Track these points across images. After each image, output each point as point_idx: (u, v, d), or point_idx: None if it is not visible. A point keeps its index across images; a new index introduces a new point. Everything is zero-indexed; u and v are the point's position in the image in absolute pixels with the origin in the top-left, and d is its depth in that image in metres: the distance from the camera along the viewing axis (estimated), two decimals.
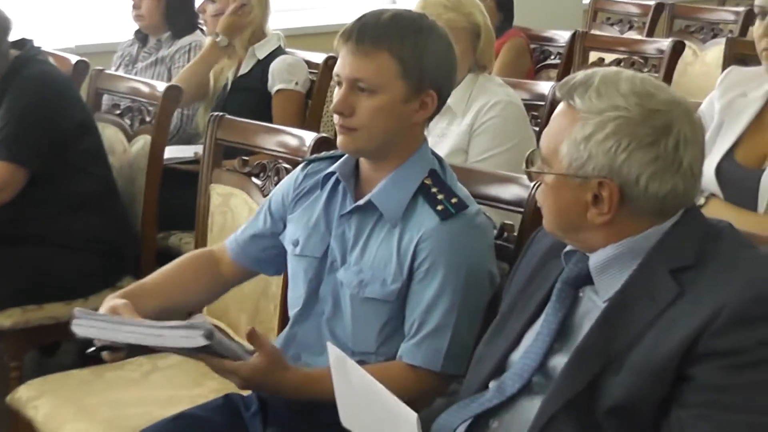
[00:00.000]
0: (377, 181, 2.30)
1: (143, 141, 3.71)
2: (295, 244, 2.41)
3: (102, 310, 2.30)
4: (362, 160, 2.36)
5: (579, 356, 1.81)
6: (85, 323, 2.17)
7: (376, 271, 2.27)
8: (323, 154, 2.53)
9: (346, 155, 2.38)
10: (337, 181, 2.38)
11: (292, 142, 2.91)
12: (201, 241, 3.10)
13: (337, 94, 2.29)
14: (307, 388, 2.20)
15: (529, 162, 1.96)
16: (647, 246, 1.83)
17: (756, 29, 2.82)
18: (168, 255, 3.86)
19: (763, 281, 1.75)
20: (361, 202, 2.32)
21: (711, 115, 2.92)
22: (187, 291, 2.52)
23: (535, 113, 3.58)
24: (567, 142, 1.84)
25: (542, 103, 3.66)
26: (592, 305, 1.89)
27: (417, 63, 2.22)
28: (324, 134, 2.87)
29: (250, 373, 2.13)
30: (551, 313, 1.92)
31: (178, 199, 3.73)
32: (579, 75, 1.89)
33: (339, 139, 2.30)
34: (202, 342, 2.05)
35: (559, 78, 5.00)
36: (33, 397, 2.85)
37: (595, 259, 1.87)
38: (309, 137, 2.85)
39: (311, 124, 4.17)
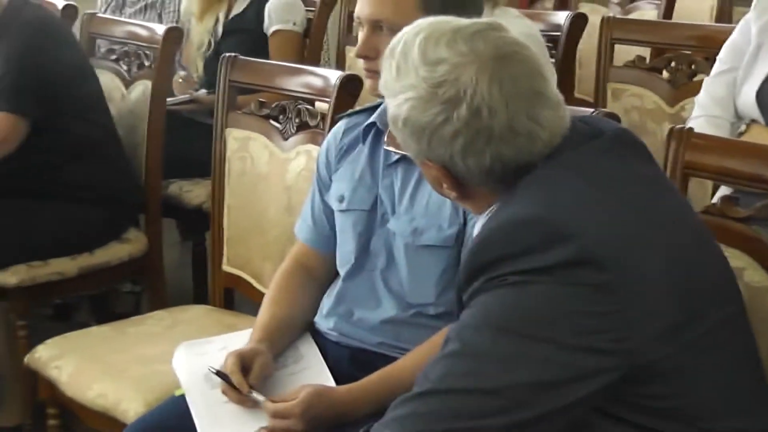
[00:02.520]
0: None
1: (143, 87, 3.63)
2: (341, 199, 2.36)
3: (228, 360, 2.24)
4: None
5: None
6: None
7: (431, 218, 2.21)
8: (359, 107, 2.48)
9: (383, 104, 2.28)
10: (379, 132, 2.32)
11: (316, 82, 2.84)
12: (218, 189, 3.03)
13: (359, 37, 2.26)
14: (364, 395, 2.13)
15: None
16: None
17: None
18: (169, 205, 3.85)
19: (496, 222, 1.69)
20: None
21: (747, 39, 2.87)
22: (305, 309, 2.44)
23: (549, 44, 3.51)
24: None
25: (558, 33, 3.59)
26: None
27: None
28: (350, 72, 2.81)
29: (303, 405, 2.07)
30: None
31: (175, 146, 3.70)
32: (393, 40, 1.79)
33: (367, 83, 2.28)
34: None
35: (555, 7, 4.93)
36: (54, 356, 2.80)
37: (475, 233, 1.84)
38: (334, 76, 2.77)
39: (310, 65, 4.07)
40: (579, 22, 3.63)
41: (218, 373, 2.20)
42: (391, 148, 2.18)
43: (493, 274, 1.61)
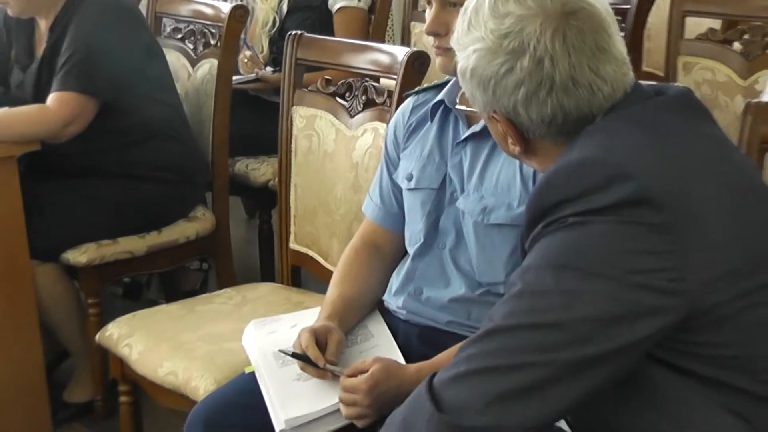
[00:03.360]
0: None
1: (209, 65, 3.64)
2: (409, 178, 2.35)
3: (302, 336, 2.25)
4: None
5: None
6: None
7: (500, 196, 2.20)
8: (427, 84, 2.46)
9: (451, 81, 2.30)
10: (447, 110, 2.32)
11: (383, 59, 2.80)
12: (285, 167, 3.03)
13: (428, 14, 2.24)
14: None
15: None
16: None
17: None
18: (235, 183, 3.89)
19: (558, 165, 1.70)
20: (476, 127, 2.25)
21: None
22: (373, 287, 2.44)
23: (618, 18, 3.48)
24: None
25: (627, 6, 3.55)
26: None
27: None
28: (417, 49, 2.78)
29: (371, 381, 2.08)
30: None
31: (241, 125, 3.73)
32: (467, 1, 1.83)
33: (438, 61, 2.26)
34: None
35: None
36: (124, 334, 2.82)
37: None
38: (401, 53, 2.74)
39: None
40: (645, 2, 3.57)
41: (294, 355, 2.22)
42: (462, 107, 2.14)
43: (553, 218, 1.64)
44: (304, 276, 3.11)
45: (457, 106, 2.19)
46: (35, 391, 3.32)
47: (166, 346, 2.71)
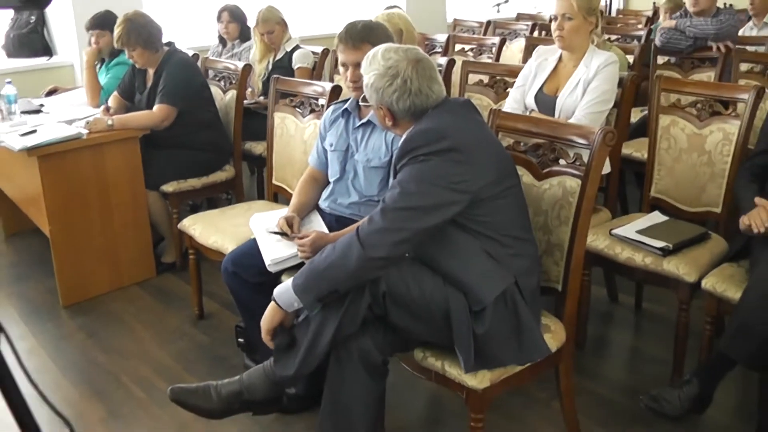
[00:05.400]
0: (370, 110, 2.24)
1: (231, 94, 3.60)
2: (331, 145, 2.33)
3: (280, 221, 2.23)
4: (361, 100, 2.29)
5: None
6: (274, 265, 2.13)
7: (376, 153, 2.21)
8: (339, 100, 2.46)
9: (352, 99, 2.32)
10: (349, 112, 2.32)
11: (319, 89, 2.84)
12: (270, 144, 2.99)
13: (343, 73, 2.20)
14: (341, 235, 1.97)
15: None
16: None
17: (552, 25, 2.74)
18: (245, 153, 3.83)
19: (413, 130, 1.68)
20: (364, 120, 2.26)
21: (531, 70, 2.85)
22: (314, 198, 2.41)
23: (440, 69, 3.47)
24: None
25: (441, 67, 3.53)
26: None
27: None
28: (335, 84, 2.79)
29: (312, 240, 2.07)
30: None
31: (247, 124, 3.69)
32: (369, 52, 1.79)
33: (354, 93, 2.24)
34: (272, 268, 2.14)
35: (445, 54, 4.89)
36: (191, 224, 2.84)
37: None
38: (328, 86, 2.78)
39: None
40: (450, 65, 3.43)
41: (278, 233, 2.23)
42: (363, 103, 2.13)
43: (412, 156, 1.65)
44: (279, 198, 3.09)
45: (360, 102, 2.15)
46: (147, 255, 3.37)
47: (212, 229, 2.73)
